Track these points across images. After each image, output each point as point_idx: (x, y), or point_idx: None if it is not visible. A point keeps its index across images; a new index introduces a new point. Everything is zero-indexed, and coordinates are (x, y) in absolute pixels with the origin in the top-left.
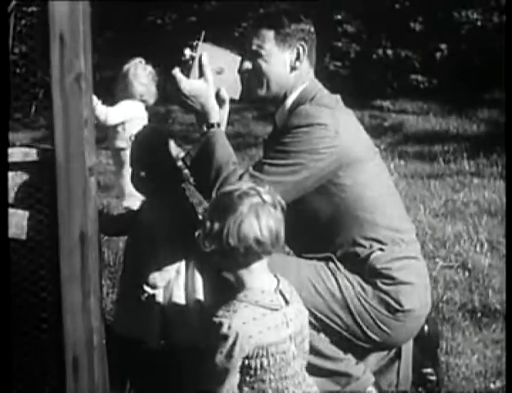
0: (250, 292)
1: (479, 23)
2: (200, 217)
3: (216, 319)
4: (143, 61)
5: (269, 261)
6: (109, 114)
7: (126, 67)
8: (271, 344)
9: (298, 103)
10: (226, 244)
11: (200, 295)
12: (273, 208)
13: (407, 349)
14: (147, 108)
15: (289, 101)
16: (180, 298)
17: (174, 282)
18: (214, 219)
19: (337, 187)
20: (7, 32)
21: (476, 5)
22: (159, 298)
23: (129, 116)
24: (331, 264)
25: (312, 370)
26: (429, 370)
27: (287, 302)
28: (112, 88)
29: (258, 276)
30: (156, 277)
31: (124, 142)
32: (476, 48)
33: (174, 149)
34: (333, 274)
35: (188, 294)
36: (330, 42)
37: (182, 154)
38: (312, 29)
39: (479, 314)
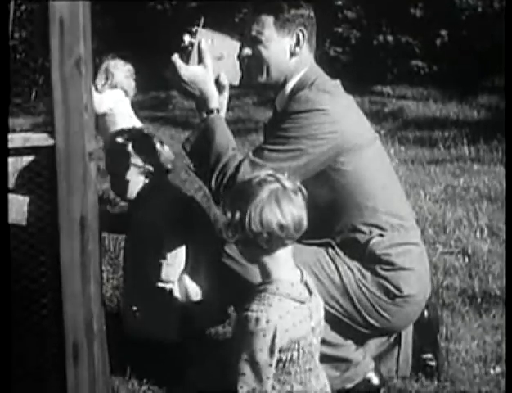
0: (281, 285)
1: (480, 9)
2: (220, 209)
3: (252, 314)
4: (120, 60)
5: None
6: (103, 100)
7: (105, 63)
8: (302, 337)
9: (298, 88)
10: (249, 231)
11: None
12: (294, 194)
13: (407, 334)
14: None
15: (289, 87)
16: (197, 293)
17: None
18: (235, 209)
19: (337, 173)
20: (7, 17)
21: None
22: (176, 292)
23: (115, 103)
24: (331, 251)
25: None
26: (429, 355)
27: (310, 294)
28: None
29: (284, 266)
30: (169, 271)
31: (118, 125)
32: (476, 34)
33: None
34: (332, 260)
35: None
36: (330, 28)
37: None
38: (312, 14)
39: (479, 300)
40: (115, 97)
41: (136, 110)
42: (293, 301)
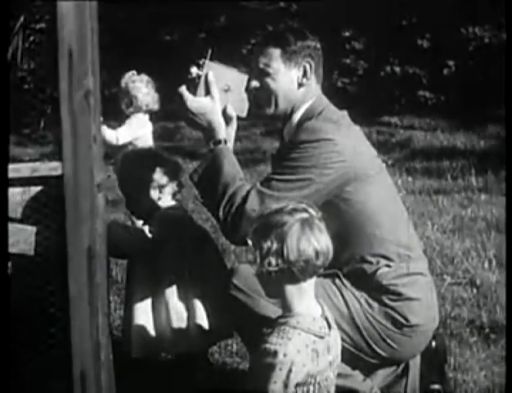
0: (302, 319)
1: (487, 40)
2: (249, 241)
3: (270, 347)
4: (135, 73)
5: None
6: (119, 136)
7: (123, 83)
8: (319, 371)
9: (305, 119)
10: (287, 261)
11: (201, 320)
12: (320, 221)
13: (414, 364)
14: (151, 119)
15: (296, 117)
16: (183, 321)
17: (171, 307)
18: (271, 239)
19: (345, 203)
20: (7, 47)
21: (483, 22)
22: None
23: (138, 134)
24: (337, 281)
25: None
26: (437, 386)
27: (330, 328)
28: (117, 105)
29: (307, 300)
30: None
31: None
32: (483, 64)
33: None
34: (339, 291)
35: (190, 318)
36: (337, 59)
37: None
38: (319, 46)
39: (487, 330)
40: (140, 129)
41: None
42: (312, 336)
